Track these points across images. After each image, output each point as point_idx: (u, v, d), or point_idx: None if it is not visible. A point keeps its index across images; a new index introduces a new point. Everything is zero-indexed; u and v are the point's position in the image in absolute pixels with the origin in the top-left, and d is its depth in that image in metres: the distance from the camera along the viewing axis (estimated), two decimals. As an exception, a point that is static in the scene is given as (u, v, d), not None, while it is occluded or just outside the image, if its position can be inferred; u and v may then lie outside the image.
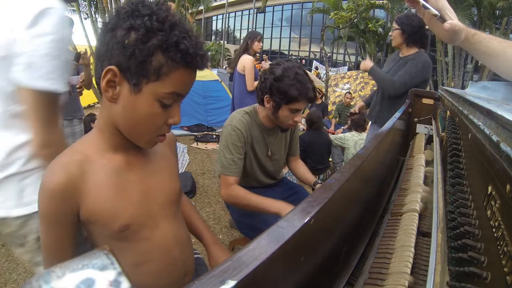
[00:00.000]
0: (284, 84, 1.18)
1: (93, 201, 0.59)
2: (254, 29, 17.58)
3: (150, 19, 0.50)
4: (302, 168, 1.58)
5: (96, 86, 0.68)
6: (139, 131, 0.59)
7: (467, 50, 0.74)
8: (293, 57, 19.58)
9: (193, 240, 0.87)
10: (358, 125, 3.26)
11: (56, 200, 0.57)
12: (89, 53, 2.03)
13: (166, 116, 0.58)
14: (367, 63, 2.06)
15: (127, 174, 0.63)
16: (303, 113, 5.39)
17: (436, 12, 0.69)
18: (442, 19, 0.69)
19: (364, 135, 3.15)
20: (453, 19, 0.69)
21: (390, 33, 2.18)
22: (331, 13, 8.57)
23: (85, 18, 9.48)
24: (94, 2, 8.89)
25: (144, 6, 0.52)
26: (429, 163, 1.12)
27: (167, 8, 0.53)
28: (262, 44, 2.99)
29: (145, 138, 0.60)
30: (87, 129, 2.48)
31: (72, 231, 0.62)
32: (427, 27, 0.79)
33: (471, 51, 0.73)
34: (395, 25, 2.00)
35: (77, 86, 1.72)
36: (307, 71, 1.31)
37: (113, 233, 0.61)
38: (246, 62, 2.74)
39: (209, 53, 15.52)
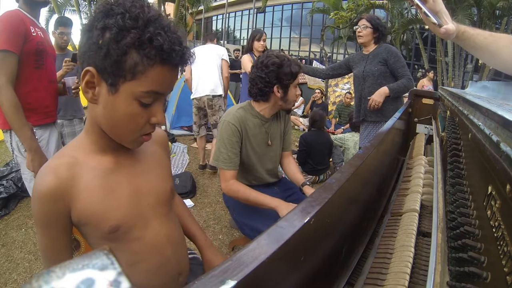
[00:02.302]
0: (286, 66, 1.32)
1: (83, 203, 0.59)
2: (254, 29, 17.52)
3: (122, 18, 0.50)
4: (293, 167, 1.59)
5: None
6: (121, 131, 0.59)
7: (458, 44, 0.85)
8: (293, 57, 19.55)
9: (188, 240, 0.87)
10: (358, 126, 3.26)
11: (47, 203, 0.58)
12: None
13: (148, 115, 0.58)
14: (381, 92, 2.00)
15: (116, 175, 0.63)
16: (303, 112, 5.35)
17: (436, 21, 0.79)
18: (439, 25, 0.80)
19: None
20: (448, 23, 0.80)
21: (358, 30, 2.15)
22: (331, 13, 8.55)
23: (85, 18, 9.49)
24: (94, 2, 8.89)
25: (119, 5, 0.51)
26: (429, 163, 1.12)
27: (141, 4, 0.52)
28: (265, 41, 2.81)
29: (128, 138, 0.60)
30: (87, 129, 2.48)
31: (66, 233, 0.62)
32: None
33: (461, 45, 0.84)
34: (366, 24, 2.11)
35: (72, 88, 1.72)
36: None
37: (104, 234, 0.61)
38: (242, 62, 2.84)
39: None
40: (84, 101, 2.70)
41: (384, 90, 2.01)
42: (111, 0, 0.53)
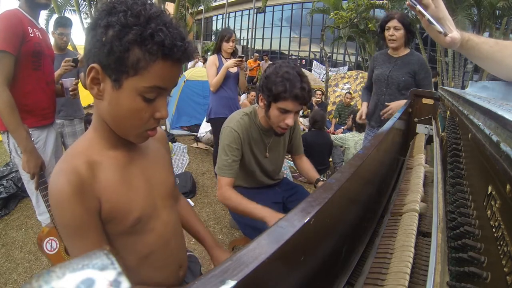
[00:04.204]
0: (271, 81, 1.16)
1: (109, 198, 0.59)
2: (254, 29, 17.29)
3: (124, 15, 0.51)
4: (306, 165, 1.58)
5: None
6: (125, 126, 0.60)
7: (461, 53, 0.80)
8: (293, 57, 19.56)
9: (187, 239, 0.88)
10: (360, 126, 3.26)
11: (78, 202, 0.55)
12: None
13: (152, 110, 0.58)
14: (401, 104, 1.76)
15: (131, 168, 0.65)
16: (303, 112, 5.30)
17: (441, 30, 0.74)
18: (444, 34, 0.74)
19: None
20: (453, 30, 0.74)
21: (390, 33, 1.89)
22: (331, 13, 8.54)
23: (85, 18, 9.50)
24: (94, 2, 8.90)
25: (121, 3, 0.53)
26: (429, 163, 1.12)
27: (143, 2, 0.54)
28: (234, 43, 2.52)
29: (133, 133, 0.61)
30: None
31: (103, 236, 0.60)
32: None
33: (465, 55, 0.79)
34: (399, 25, 1.87)
35: (70, 89, 1.71)
36: (306, 71, 1.30)
37: (126, 228, 0.62)
38: (207, 63, 2.55)
39: (209, 53, 15.50)
40: (83, 101, 2.70)
41: (401, 103, 1.84)
42: None
